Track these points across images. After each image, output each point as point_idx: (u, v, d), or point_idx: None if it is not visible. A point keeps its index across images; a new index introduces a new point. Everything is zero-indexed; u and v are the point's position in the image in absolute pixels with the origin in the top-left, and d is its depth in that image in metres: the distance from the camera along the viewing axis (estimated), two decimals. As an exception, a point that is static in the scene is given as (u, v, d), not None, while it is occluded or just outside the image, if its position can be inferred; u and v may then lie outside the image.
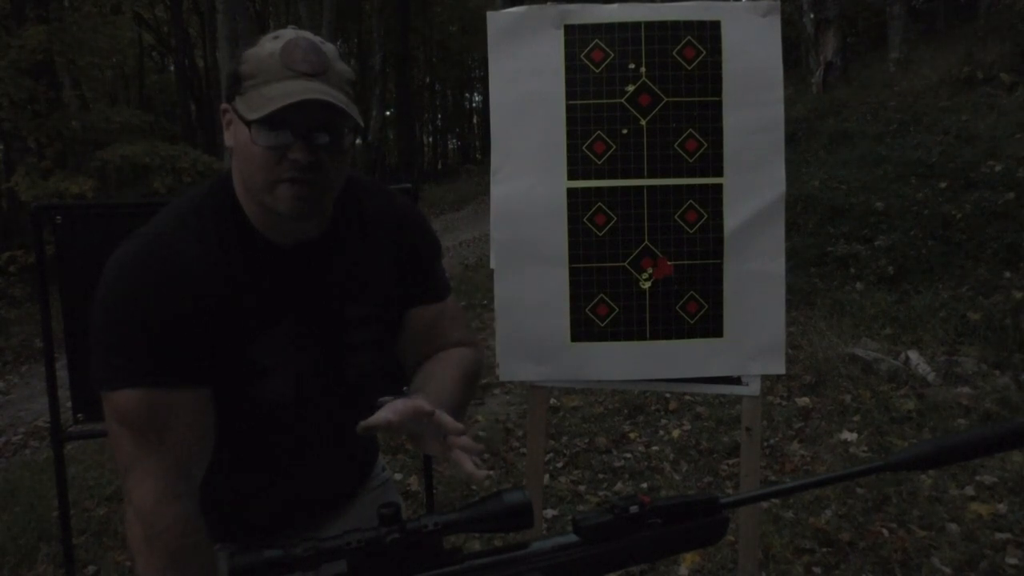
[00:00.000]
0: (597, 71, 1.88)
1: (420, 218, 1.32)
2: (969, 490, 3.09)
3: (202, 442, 1.09)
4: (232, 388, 1.11)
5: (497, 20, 1.91)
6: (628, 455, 3.80)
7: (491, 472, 3.72)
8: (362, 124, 1.06)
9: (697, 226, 1.89)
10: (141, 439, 1.04)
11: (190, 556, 1.06)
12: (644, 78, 1.87)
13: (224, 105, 1.08)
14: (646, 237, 1.89)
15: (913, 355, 4.44)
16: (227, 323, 1.08)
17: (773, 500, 3.02)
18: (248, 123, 1.01)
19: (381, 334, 1.25)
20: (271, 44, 1.03)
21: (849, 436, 3.71)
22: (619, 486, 3.48)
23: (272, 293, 1.12)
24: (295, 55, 1.02)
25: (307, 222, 1.11)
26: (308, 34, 1.06)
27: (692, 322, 1.91)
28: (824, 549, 2.80)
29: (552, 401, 4.29)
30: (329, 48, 1.06)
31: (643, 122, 1.88)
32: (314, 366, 1.17)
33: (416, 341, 1.30)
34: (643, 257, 1.90)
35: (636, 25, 1.87)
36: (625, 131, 1.87)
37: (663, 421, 4.18)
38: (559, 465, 3.73)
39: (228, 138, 1.08)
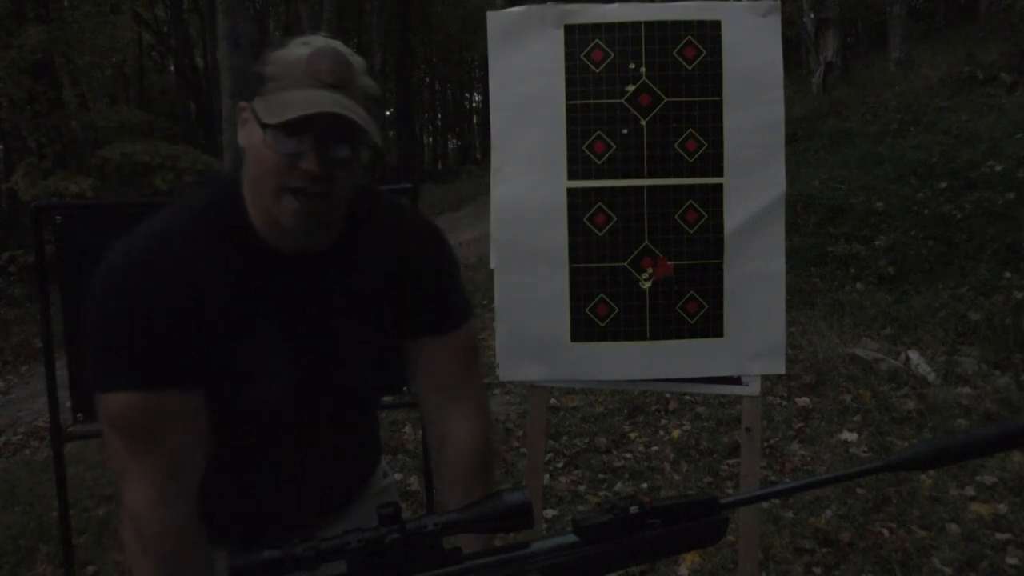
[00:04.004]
0: (597, 71, 1.88)
1: (439, 240, 1.26)
2: (969, 490, 3.09)
3: (196, 446, 1.07)
4: (221, 392, 1.09)
5: (497, 20, 1.91)
6: (628, 455, 3.80)
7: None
8: (380, 143, 1.03)
9: (697, 226, 1.89)
10: (134, 443, 1.03)
11: (184, 559, 1.05)
12: (644, 78, 1.87)
13: (243, 103, 1.06)
14: (646, 237, 1.89)
15: (913, 355, 4.44)
16: (217, 326, 1.06)
17: (773, 500, 3.02)
18: (264, 126, 0.99)
19: (376, 354, 1.21)
20: (299, 49, 1.01)
21: (849, 436, 3.71)
22: (619, 486, 3.48)
23: (263, 299, 1.10)
24: (321, 64, 1.00)
25: (309, 238, 1.09)
26: (338, 44, 1.04)
27: (692, 322, 1.91)
28: (824, 549, 2.80)
29: (552, 401, 4.29)
30: (357, 61, 1.04)
31: (643, 122, 1.88)
32: (301, 376, 1.15)
33: (426, 375, 1.25)
34: (643, 257, 1.90)
35: (636, 25, 1.87)
36: (625, 131, 1.87)
37: (663, 421, 4.18)
38: (559, 465, 3.73)
39: (241, 137, 1.06)
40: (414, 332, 1.23)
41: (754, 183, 1.88)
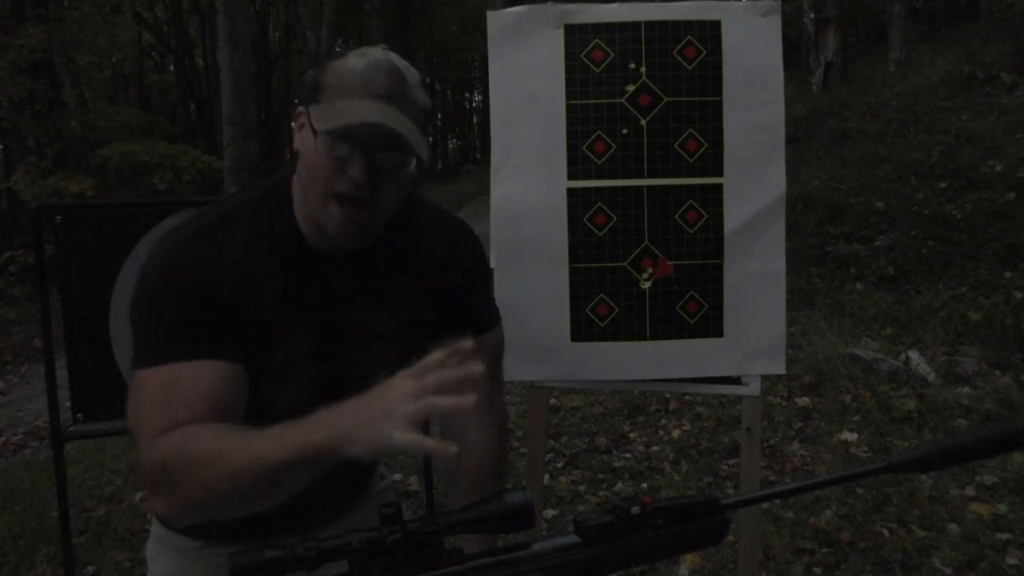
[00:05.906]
0: (597, 71, 1.88)
1: (473, 244, 1.29)
2: (969, 490, 3.09)
3: (219, 412, 1.05)
4: (250, 388, 1.10)
5: (497, 20, 1.91)
6: (628, 455, 3.80)
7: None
8: (425, 157, 1.06)
9: (697, 226, 1.89)
10: (157, 412, 1.02)
11: (208, 443, 0.99)
12: (644, 78, 1.87)
13: (300, 108, 1.09)
14: (646, 237, 1.89)
15: (913, 355, 4.44)
16: (251, 325, 1.08)
17: (773, 500, 3.02)
18: (316, 131, 1.02)
19: (403, 351, 1.22)
20: (356, 61, 1.05)
21: (849, 436, 3.71)
22: (619, 486, 3.48)
23: (298, 296, 1.12)
24: (376, 76, 1.03)
25: (351, 244, 1.11)
26: (394, 57, 1.07)
27: (692, 322, 1.91)
28: (824, 549, 2.80)
29: (552, 401, 4.29)
30: (412, 75, 1.07)
31: (643, 122, 1.87)
32: (329, 377, 1.16)
33: None
34: (643, 257, 1.90)
35: (636, 25, 1.87)
36: (625, 131, 1.87)
37: (663, 421, 4.18)
38: (559, 465, 3.73)
39: (297, 141, 1.09)
40: (442, 333, 1.24)
41: (754, 183, 1.88)
